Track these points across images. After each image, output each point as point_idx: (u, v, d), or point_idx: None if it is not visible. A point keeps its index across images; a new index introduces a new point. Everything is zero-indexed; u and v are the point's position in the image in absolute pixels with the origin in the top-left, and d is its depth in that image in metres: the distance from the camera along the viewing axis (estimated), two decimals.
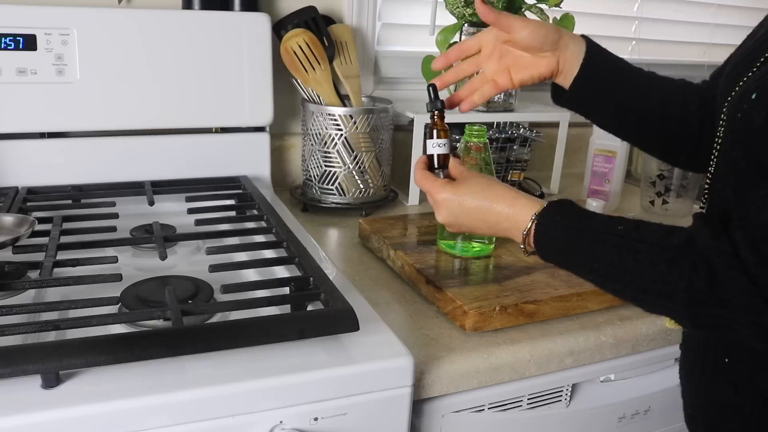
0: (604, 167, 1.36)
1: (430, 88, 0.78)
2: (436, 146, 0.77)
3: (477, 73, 0.82)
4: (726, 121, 0.67)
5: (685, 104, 0.81)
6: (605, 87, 0.80)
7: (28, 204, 0.99)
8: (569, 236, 0.65)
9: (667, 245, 0.59)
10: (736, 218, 0.58)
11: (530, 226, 0.67)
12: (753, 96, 0.62)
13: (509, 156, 1.36)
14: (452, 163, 0.76)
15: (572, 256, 0.66)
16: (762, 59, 0.66)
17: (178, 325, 0.66)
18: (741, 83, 0.67)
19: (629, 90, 0.80)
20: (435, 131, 0.77)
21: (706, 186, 0.72)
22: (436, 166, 0.77)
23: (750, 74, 0.66)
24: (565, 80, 0.79)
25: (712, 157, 0.70)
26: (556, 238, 0.66)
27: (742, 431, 0.69)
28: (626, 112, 0.82)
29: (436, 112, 0.78)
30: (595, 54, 0.78)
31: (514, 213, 0.69)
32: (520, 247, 0.69)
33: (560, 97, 0.82)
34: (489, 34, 0.80)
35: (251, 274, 0.87)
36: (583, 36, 0.79)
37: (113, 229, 0.92)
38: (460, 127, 1.29)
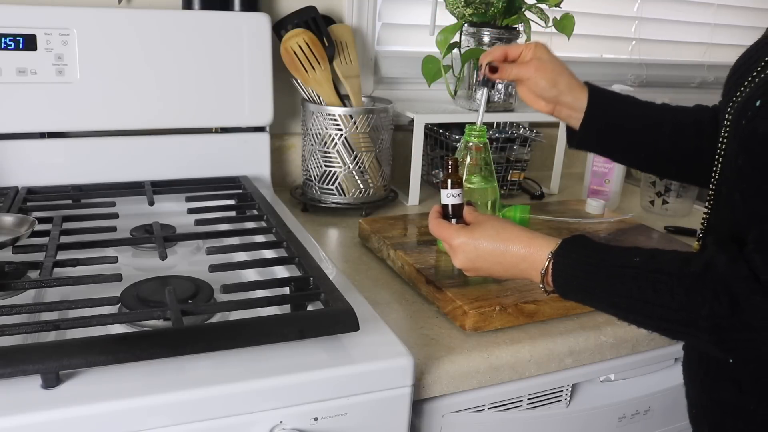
0: (604, 167, 1.36)
1: (486, 66, 0.81)
2: (451, 196, 0.76)
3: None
4: (730, 127, 0.67)
5: (700, 130, 0.82)
6: (612, 130, 0.83)
7: (28, 204, 0.99)
8: (587, 272, 0.65)
9: (685, 273, 0.59)
10: (752, 241, 0.58)
11: (547, 265, 0.67)
12: (757, 103, 0.61)
13: (509, 156, 1.36)
14: (466, 210, 0.76)
15: (592, 292, 0.65)
16: (763, 63, 0.65)
17: (178, 325, 0.66)
18: (744, 87, 0.66)
19: (637, 128, 0.83)
20: (449, 181, 0.76)
21: (711, 190, 0.72)
22: (450, 215, 0.76)
23: (751, 78, 0.66)
24: (573, 125, 0.84)
25: (716, 161, 0.70)
26: (574, 276, 0.66)
27: (746, 430, 0.69)
28: (637, 149, 0.85)
29: (450, 162, 0.77)
30: (597, 102, 0.82)
31: (530, 253, 0.68)
32: (539, 286, 0.69)
33: (572, 140, 0.86)
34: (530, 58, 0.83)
35: (251, 274, 0.87)
36: (587, 83, 0.83)
37: (113, 229, 0.92)
38: (460, 127, 1.29)
